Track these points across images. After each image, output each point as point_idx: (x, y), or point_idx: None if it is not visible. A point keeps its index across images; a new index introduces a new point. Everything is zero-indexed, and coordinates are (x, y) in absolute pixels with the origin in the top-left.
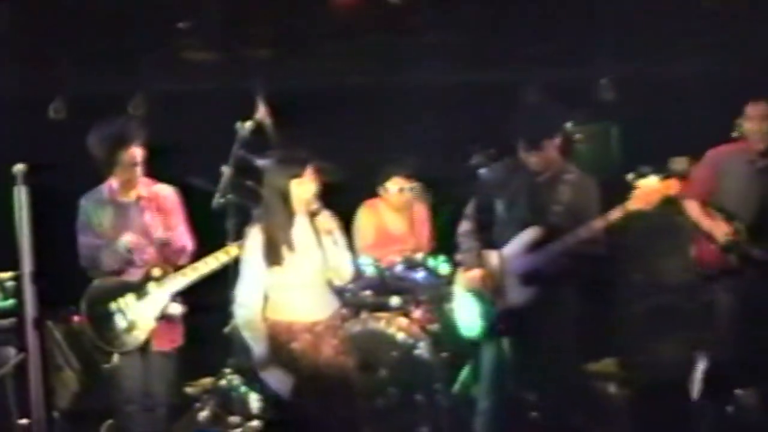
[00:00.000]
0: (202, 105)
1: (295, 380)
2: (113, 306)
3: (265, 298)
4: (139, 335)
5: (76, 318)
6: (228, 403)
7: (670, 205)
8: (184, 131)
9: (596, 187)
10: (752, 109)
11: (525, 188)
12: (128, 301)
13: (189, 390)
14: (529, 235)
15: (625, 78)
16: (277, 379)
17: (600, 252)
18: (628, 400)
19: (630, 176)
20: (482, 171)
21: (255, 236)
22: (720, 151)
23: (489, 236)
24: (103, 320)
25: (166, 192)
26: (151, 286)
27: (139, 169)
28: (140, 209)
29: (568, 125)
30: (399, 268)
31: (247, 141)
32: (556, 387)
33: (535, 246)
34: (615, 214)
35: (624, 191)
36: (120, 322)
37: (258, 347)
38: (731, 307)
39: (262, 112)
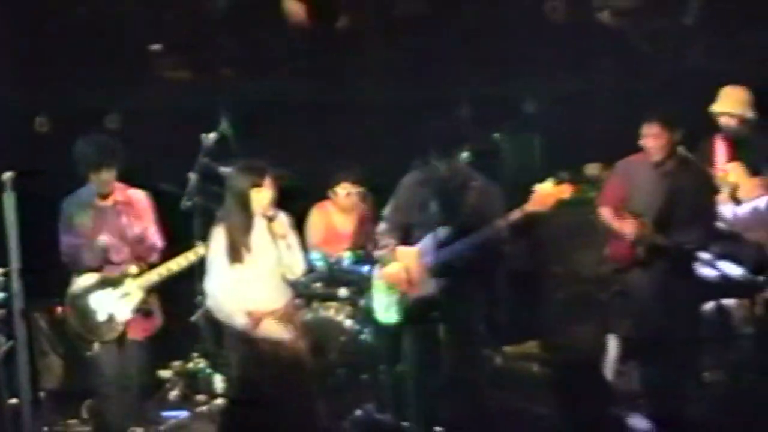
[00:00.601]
0: (172, 118)
1: (252, 364)
2: (94, 300)
3: (229, 290)
4: (117, 326)
5: (59, 309)
6: (195, 384)
7: (564, 207)
8: (156, 141)
9: (499, 192)
10: (647, 129)
11: (437, 193)
12: (108, 295)
13: (161, 373)
14: (441, 233)
15: (546, 93)
16: (231, 365)
17: (504, 248)
18: (548, 378)
19: (536, 187)
20: (406, 177)
21: (218, 236)
22: (628, 161)
23: (406, 235)
24: (84, 312)
25: (139, 196)
26: (129, 282)
27: (112, 185)
28: (116, 212)
29: (495, 135)
30: (346, 262)
31: (212, 150)
32: (468, 367)
33: (445, 243)
34: (515, 215)
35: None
36: (100, 314)
37: (238, 320)
38: (639, 297)
39: (224, 125)
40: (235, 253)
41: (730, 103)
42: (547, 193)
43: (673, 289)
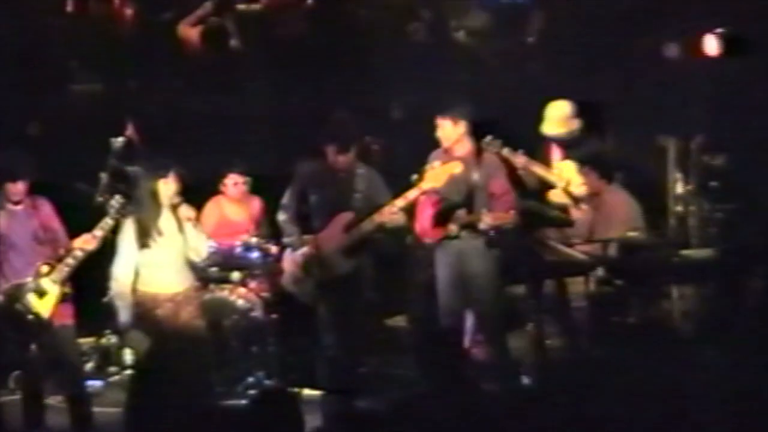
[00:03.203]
0: (85, 125)
1: (157, 339)
2: (19, 306)
3: (137, 274)
4: (45, 323)
5: None
6: (108, 357)
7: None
8: (71, 145)
9: (381, 177)
10: (438, 121)
11: (330, 182)
12: (30, 298)
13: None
14: (342, 218)
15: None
16: (137, 340)
17: (403, 225)
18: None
19: (415, 176)
20: (299, 167)
21: (128, 226)
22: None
23: (305, 221)
24: (14, 320)
25: (44, 200)
26: (44, 281)
27: (24, 194)
28: (28, 216)
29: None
30: (238, 250)
31: (120, 153)
32: (359, 337)
33: (348, 227)
34: (413, 194)
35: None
36: (26, 319)
37: (124, 315)
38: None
39: (130, 131)
40: (144, 239)
41: (555, 125)
42: (442, 169)
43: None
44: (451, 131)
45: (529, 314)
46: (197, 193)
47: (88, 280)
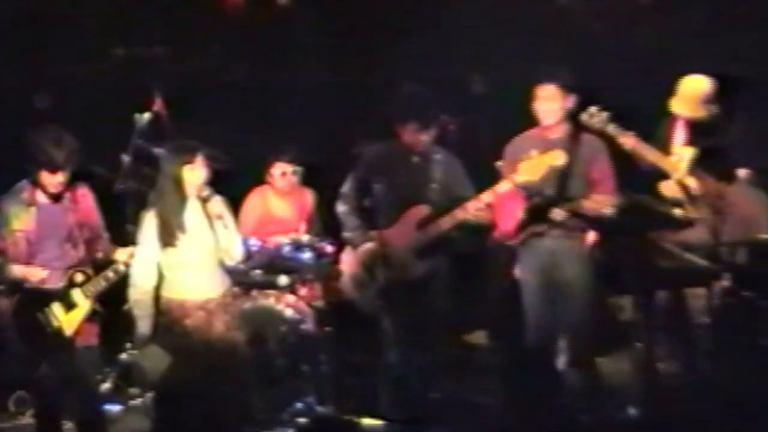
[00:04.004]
0: (104, 97)
1: (186, 355)
2: (39, 318)
3: (161, 277)
4: (66, 341)
5: None
6: (128, 375)
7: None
8: (86, 121)
9: (461, 164)
10: (540, 90)
11: (402, 168)
12: (54, 310)
13: None
14: (415, 213)
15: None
16: (154, 358)
17: (488, 225)
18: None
19: (499, 163)
20: (364, 151)
21: (150, 220)
22: (517, 139)
23: (369, 215)
24: (30, 332)
25: (84, 190)
26: (75, 292)
27: (61, 187)
28: (64, 211)
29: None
30: (286, 249)
31: (145, 131)
32: (433, 357)
33: (422, 223)
34: (503, 187)
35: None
36: (45, 332)
37: (142, 325)
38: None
39: (158, 105)
40: (168, 236)
41: (691, 105)
42: (539, 160)
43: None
44: (555, 105)
45: (637, 332)
46: (238, 183)
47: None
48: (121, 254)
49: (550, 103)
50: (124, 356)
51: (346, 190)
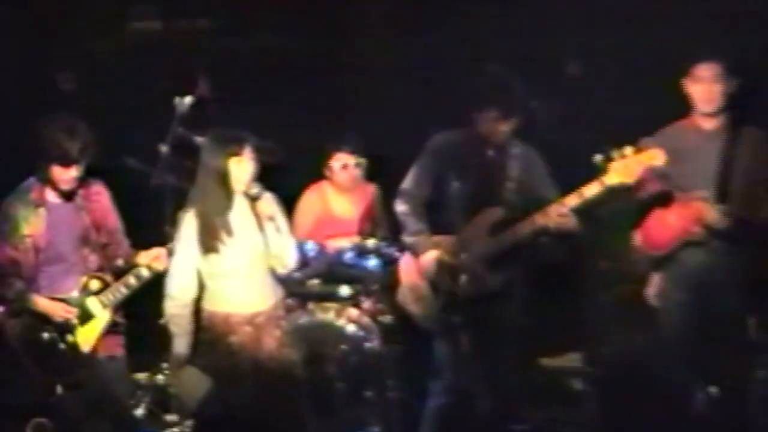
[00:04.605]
0: (139, 78)
1: (230, 377)
2: (51, 333)
3: (202, 288)
4: (82, 359)
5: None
6: (164, 400)
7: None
8: (118, 106)
9: (542, 160)
10: (701, 71)
11: (475, 163)
12: (67, 323)
13: None
14: (488, 216)
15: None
16: (192, 382)
17: (572, 233)
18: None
19: (598, 157)
20: (431, 140)
21: (189, 221)
22: (672, 128)
23: (435, 215)
24: (41, 350)
25: (99, 187)
26: (90, 302)
27: (74, 184)
28: (77, 211)
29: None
30: (348, 255)
31: (186, 118)
32: (511, 382)
33: (497, 228)
34: (591, 191)
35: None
36: (57, 349)
37: (180, 344)
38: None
39: (201, 88)
40: (210, 240)
41: None
42: (634, 160)
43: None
44: (716, 88)
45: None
46: (292, 178)
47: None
48: (143, 257)
49: (711, 85)
50: (158, 378)
51: (407, 187)
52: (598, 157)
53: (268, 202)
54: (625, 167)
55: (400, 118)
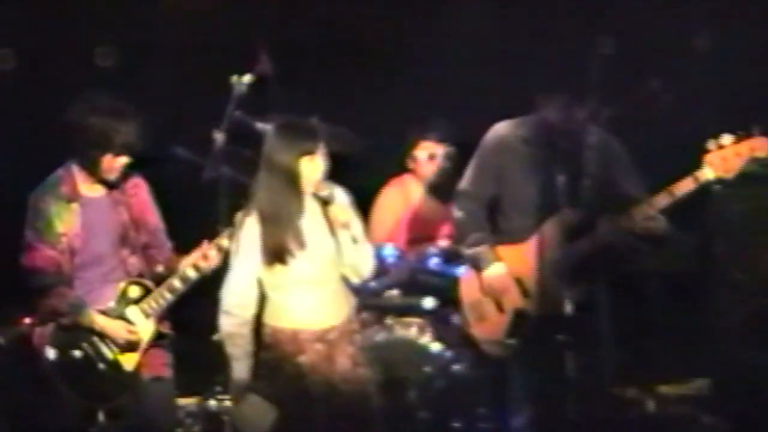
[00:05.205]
0: (189, 55)
1: (299, 403)
2: (86, 349)
3: (265, 300)
4: (124, 380)
5: (26, 320)
6: (218, 429)
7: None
8: (165, 86)
9: (626, 152)
10: None
11: (544, 156)
12: (106, 338)
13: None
14: (563, 218)
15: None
16: (254, 412)
17: (662, 239)
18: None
19: (712, 144)
20: (494, 130)
21: (251, 226)
22: None
23: (499, 220)
24: (77, 371)
25: (138, 181)
26: (131, 311)
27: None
28: (114, 205)
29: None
30: (434, 261)
31: (245, 100)
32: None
33: (573, 233)
34: (683, 188)
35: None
36: (95, 369)
37: (239, 368)
38: None
39: (263, 65)
40: (276, 251)
41: None
42: (733, 151)
43: None
44: None
45: None
46: (369, 172)
47: (186, 311)
48: (188, 259)
49: None
50: (211, 404)
51: (464, 187)
52: (712, 146)
53: (342, 208)
54: (723, 160)
55: (495, 100)
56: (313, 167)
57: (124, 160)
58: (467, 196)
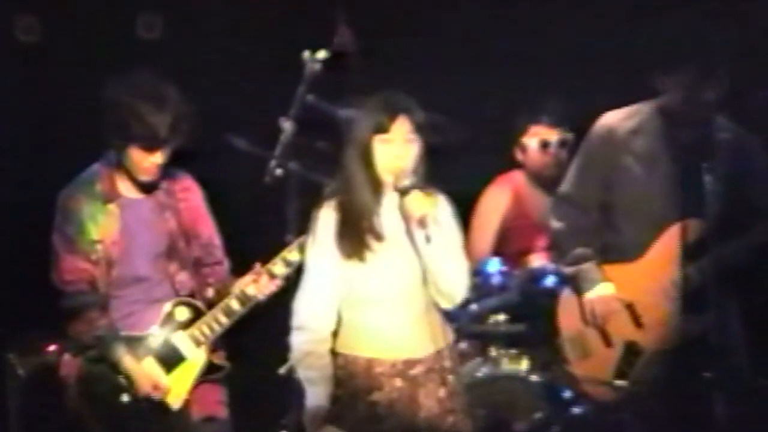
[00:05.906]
0: (251, 28)
1: None
2: (122, 383)
3: (339, 324)
4: (172, 416)
5: (50, 348)
6: None
7: None
8: (220, 64)
9: (765, 149)
10: None
11: (661, 151)
12: (145, 369)
13: None
14: (685, 230)
15: None
16: None
17: None
18: None
19: None
20: (602, 121)
21: (326, 220)
22: None
23: (606, 233)
24: (113, 408)
25: (188, 183)
26: (178, 338)
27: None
28: (160, 209)
29: None
30: (551, 279)
31: (320, 81)
32: None
33: (697, 248)
34: None
35: None
36: (140, 407)
37: (316, 393)
38: None
39: (342, 39)
40: (353, 243)
41: None
42: None
43: None
44: None
45: None
46: (470, 167)
47: (245, 338)
48: (244, 282)
49: None
50: None
51: (566, 191)
52: None
53: (419, 198)
54: None
55: (620, 77)
56: (388, 150)
57: (158, 158)
58: (567, 202)
